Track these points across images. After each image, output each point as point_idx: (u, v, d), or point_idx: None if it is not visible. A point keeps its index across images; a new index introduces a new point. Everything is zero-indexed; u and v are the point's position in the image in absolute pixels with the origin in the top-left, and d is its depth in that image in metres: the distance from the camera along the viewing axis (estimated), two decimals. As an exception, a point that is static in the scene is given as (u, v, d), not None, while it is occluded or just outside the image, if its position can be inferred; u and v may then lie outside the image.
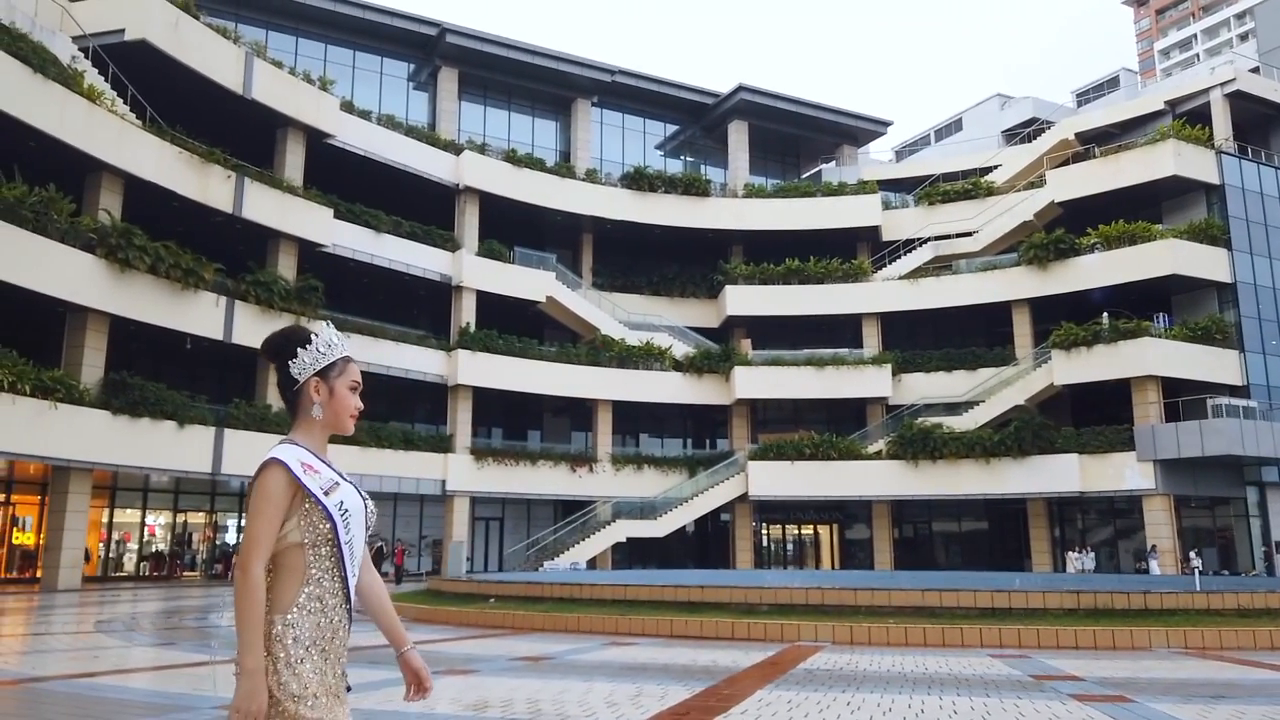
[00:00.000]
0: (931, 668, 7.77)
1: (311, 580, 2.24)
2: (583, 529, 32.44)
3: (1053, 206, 34.38)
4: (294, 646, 2.18)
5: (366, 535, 2.40)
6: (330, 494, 2.27)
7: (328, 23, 35.41)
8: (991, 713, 5.77)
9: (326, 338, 2.42)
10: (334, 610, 2.27)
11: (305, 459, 2.28)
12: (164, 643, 9.92)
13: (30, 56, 20.37)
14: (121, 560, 28.53)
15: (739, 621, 10.06)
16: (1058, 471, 30.40)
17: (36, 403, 20.02)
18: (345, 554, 2.29)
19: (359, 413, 2.45)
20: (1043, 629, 9.21)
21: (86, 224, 21.90)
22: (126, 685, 6.89)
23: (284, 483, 2.22)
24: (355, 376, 2.44)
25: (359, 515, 2.35)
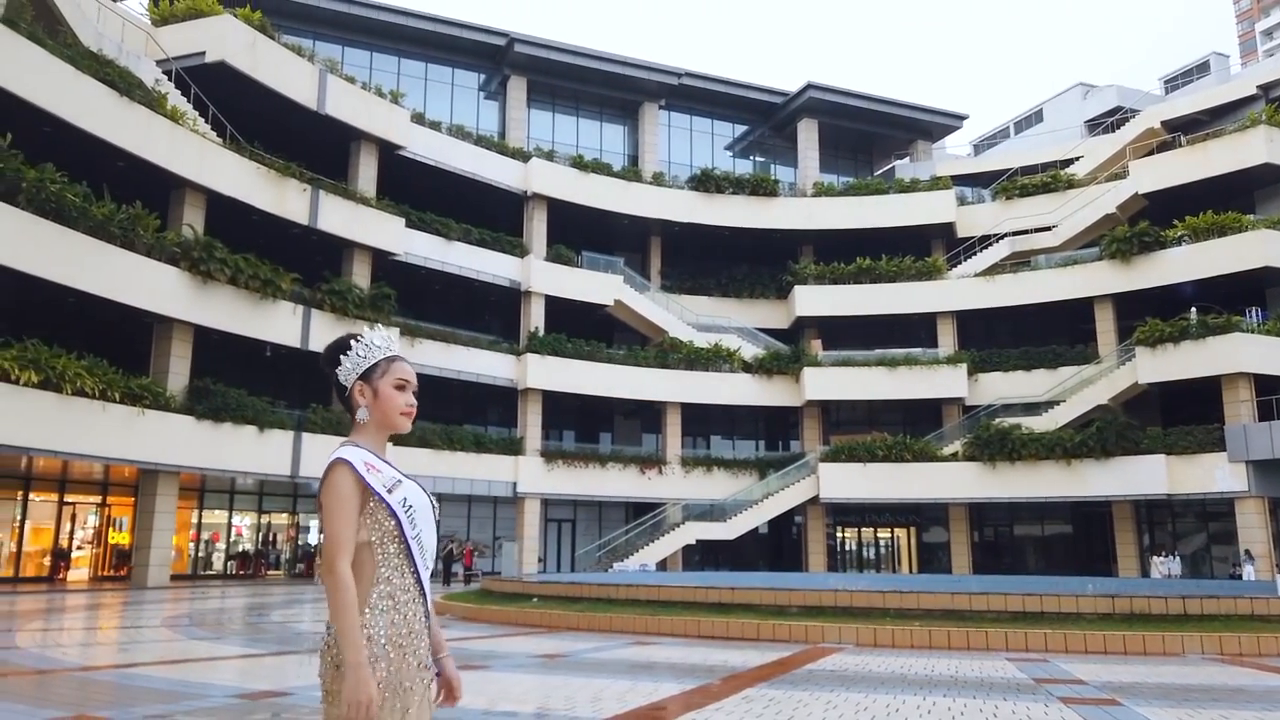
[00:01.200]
0: (938, 670, 7.67)
1: (381, 579, 2.29)
2: (653, 531, 32.60)
3: (1137, 198, 33.09)
4: (368, 646, 2.21)
5: (435, 538, 2.43)
6: (393, 491, 2.31)
7: (401, 37, 36.45)
8: (966, 713, 5.70)
9: (367, 341, 2.48)
10: (407, 606, 2.31)
11: (367, 459, 2.33)
12: (215, 638, 10.44)
13: (117, 81, 21.54)
14: (210, 559, 29.83)
15: (765, 623, 10.05)
16: (1143, 473, 29.23)
17: (126, 409, 21.14)
18: (414, 549, 2.34)
19: (413, 409, 2.47)
20: (1071, 633, 8.95)
21: (171, 239, 23.03)
22: (155, 675, 7.32)
23: (351, 481, 2.27)
24: (401, 374, 2.45)
25: (425, 511, 2.39)
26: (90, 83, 20.67)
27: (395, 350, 2.50)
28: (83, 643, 9.53)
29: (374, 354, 2.46)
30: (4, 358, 18.07)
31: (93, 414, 20.18)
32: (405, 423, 2.45)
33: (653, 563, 31.24)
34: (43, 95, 19.46)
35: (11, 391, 18.26)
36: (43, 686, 6.57)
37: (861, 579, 21.10)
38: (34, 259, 19.01)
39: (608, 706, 5.77)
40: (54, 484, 25.37)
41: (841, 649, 9.11)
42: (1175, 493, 29.00)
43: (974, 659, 8.35)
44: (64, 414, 19.48)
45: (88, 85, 20.59)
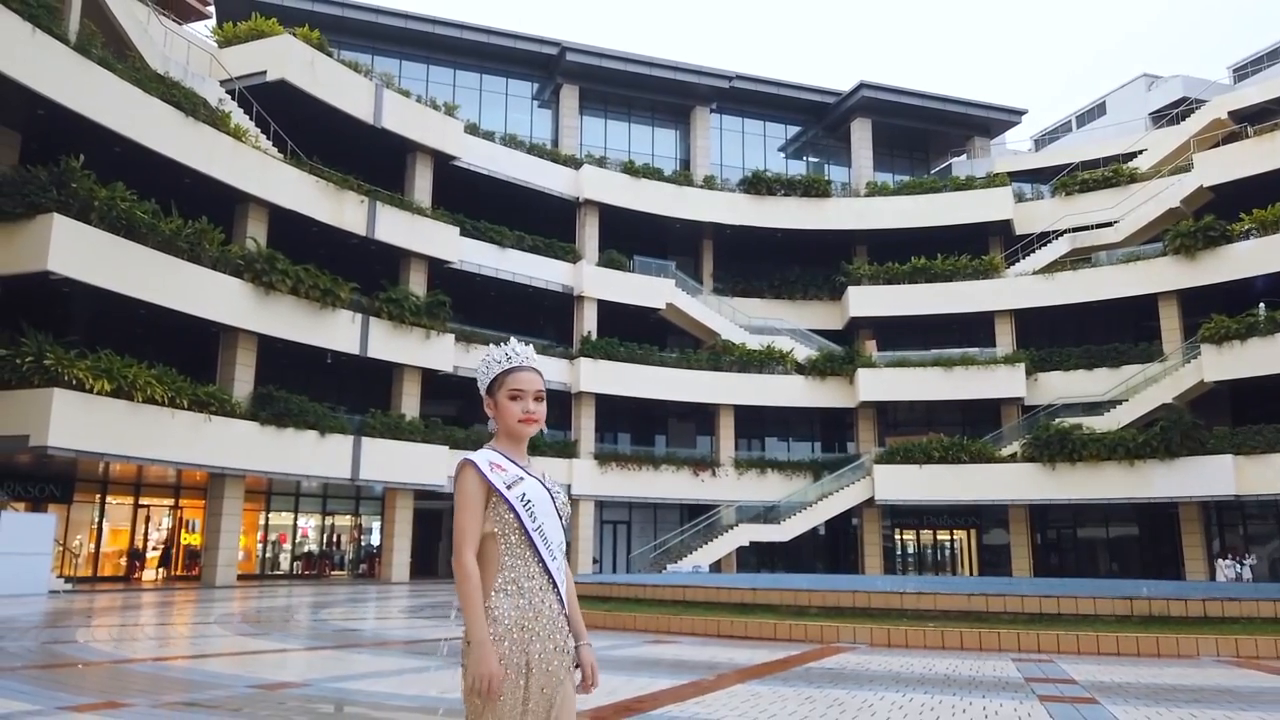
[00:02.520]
0: (935, 669, 7.75)
1: (505, 566, 2.49)
2: (706, 533, 32.78)
3: (1202, 191, 32.16)
4: (493, 627, 2.42)
5: (564, 523, 2.65)
6: (513, 488, 2.52)
7: (456, 49, 37.31)
8: (937, 709, 5.84)
9: (487, 357, 2.70)
10: (534, 593, 2.49)
11: (494, 459, 2.56)
12: (259, 633, 11.01)
13: (182, 102, 22.57)
14: (278, 559, 30.93)
15: (783, 623, 10.20)
16: (1210, 474, 28.40)
17: (193, 415, 22.13)
18: (537, 540, 2.53)
19: (532, 415, 2.63)
20: (1084, 635, 8.89)
21: (235, 251, 24.02)
22: (187, 667, 7.85)
23: (475, 479, 2.50)
24: (515, 385, 2.62)
25: (544, 504, 2.57)
26: (157, 104, 21.71)
27: (517, 361, 2.66)
28: (133, 638, 10.16)
29: (493, 369, 2.67)
30: (79, 368, 19.09)
31: (162, 420, 21.17)
32: (525, 429, 2.64)
33: (706, 565, 31.43)
34: (112, 117, 20.51)
35: (86, 400, 19.29)
36: (83, 677, 7.12)
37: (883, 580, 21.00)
38: (106, 274, 20.04)
39: (593, 700, 6.05)
40: (129, 488, 26.64)
41: (854, 648, 9.24)
42: (1244, 494, 28.12)
43: (978, 659, 8.40)
44: (135, 421, 20.50)
45: (155, 106, 21.63)
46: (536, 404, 2.66)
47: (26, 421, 18.63)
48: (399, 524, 28.50)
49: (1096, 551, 35.15)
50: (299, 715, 5.53)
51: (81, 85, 19.80)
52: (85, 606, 14.82)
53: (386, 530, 28.96)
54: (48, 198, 19.00)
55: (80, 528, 25.56)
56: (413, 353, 28.58)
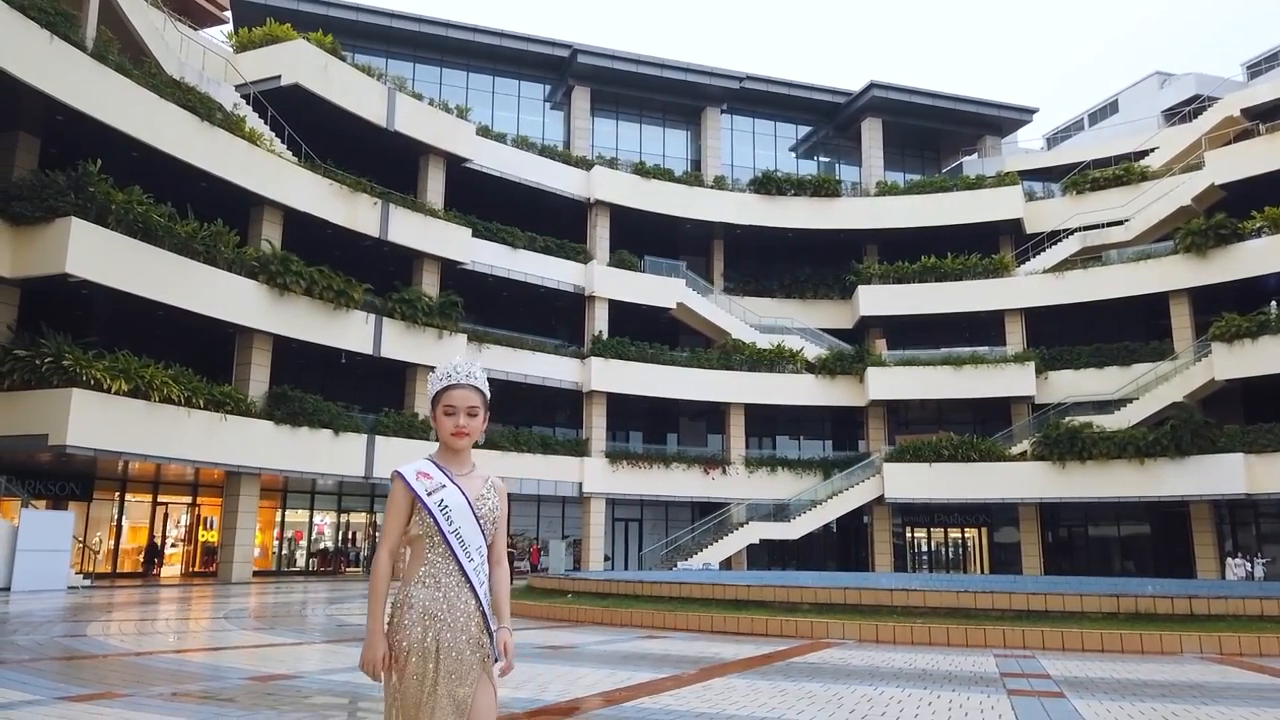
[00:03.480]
0: (915, 664, 7.94)
1: (427, 562, 2.78)
2: (717, 530, 32.99)
3: (1213, 190, 32.07)
4: (409, 612, 2.72)
5: (484, 527, 2.86)
6: (433, 495, 2.79)
7: (468, 52, 37.65)
8: (905, 701, 6.04)
9: (432, 375, 2.99)
10: (449, 588, 2.75)
11: (423, 469, 2.86)
12: (265, 628, 11.33)
13: (198, 106, 22.98)
14: (294, 556, 31.39)
15: (774, 619, 10.41)
16: (1221, 472, 28.36)
17: (210, 415, 22.53)
18: (453, 542, 2.78)
19: (462, 429, 2.88)
20: (1069, 632, 9.05)
21: (250, 254, 24.42)
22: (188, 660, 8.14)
23: (401, 487, 2.81)
24: (448, 401, 2.88)
25: (462, 511, 2.81)
26: (173, 109, 22.12)
27: (455, 379, 2.91)
28: (143, 632, 10.49)
29: (433, 385, 2.95)
30: (97, 368, 19.52)
31: (179, 420, 21.58)
32: (456, 442, 2.89)
33: (716, 562, 31.65)
34: (129, 122, 20.94)
35: (104, 400, 19.72)
36: (87, 669, 7.41)
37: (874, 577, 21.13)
38: (124, 276, 20.47)
39: (571, 690, 6.30)
40: (148, 485, 27.13)
41: (841, 644, 9.43)
42: (1256, 492, 28.07)
43: (961, 655, 8.57)
44: (152, 420, 20.92)
45: (171, 111, 22.05)
46: (468, 419, 2.90)
47: (46, 421, 19.07)
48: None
49: (1108, 550, 35.10)
50: (286, 705, 5.80)
51: (98, 91, 20.23)
52: (102, 602, 15.22)
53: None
54: (66, 201, 19.45)
55: (100, 525, 26.07)
56: (425, 353, 28.92)
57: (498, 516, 2.95)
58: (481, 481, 2.95)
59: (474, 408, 2.91)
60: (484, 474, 2.98)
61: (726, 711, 5.59)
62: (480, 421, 2.95)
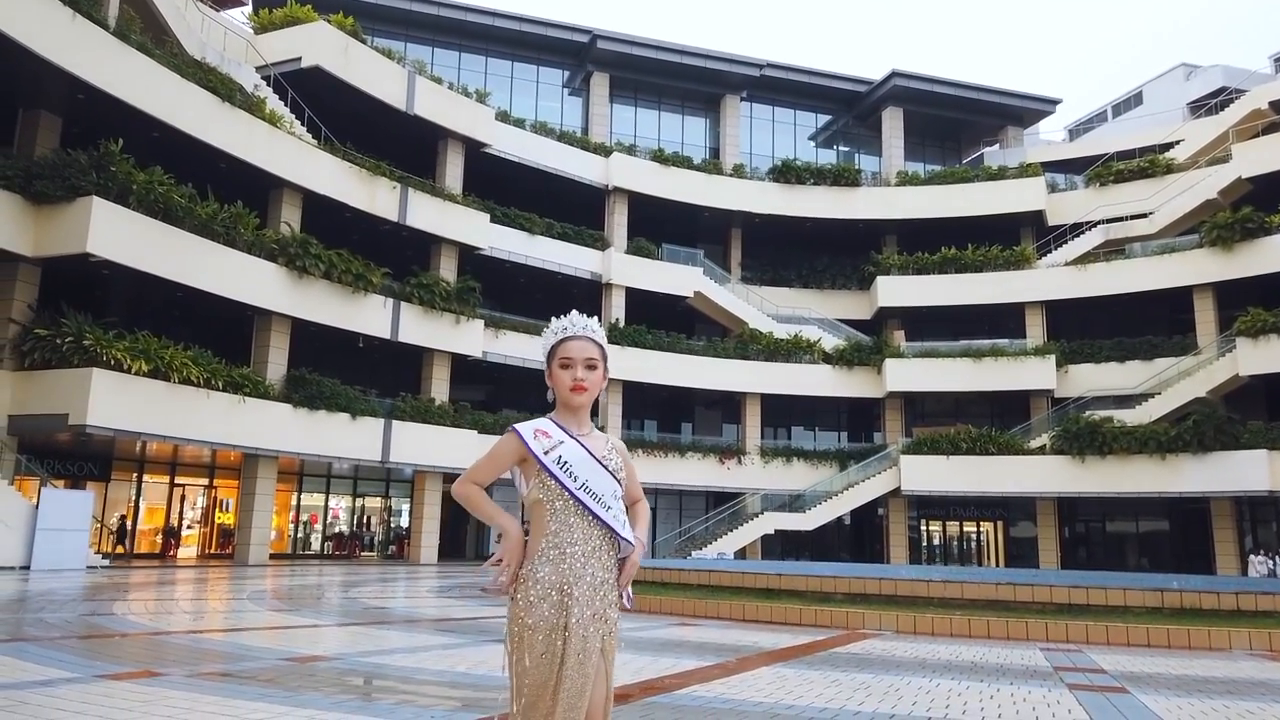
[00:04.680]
0: (962, 656, 7.76)
1: (550, 531, 2.56)
2: (732, 520, 32.85)
3: (1240, 183, 31.66)
4: (535, 588, 2.51)
5: (615, 481, 2.66)
6: (550, 453, 2.59)
7: (487, 36, 37.43)
8: (965, 694, 5.88)
9: (546, 332, 2.77)
10: (575, 557, 2.55)
11: (541, 426, 2.66)
12: (290, 609, 11.24)
13: (219, 87, 22.87)
14: (309, 540, 31.39)
15: (808, 608, 10.26)
16: (1243, 469, 28.07)
17: (228, 397, 22.47)
18: (584, 498, 2.58)
19: (581, 383, 2.67)
20: (1114, 626, 8.87)
21: (270, 236, 24.33)
22: (222, 639, 8.05)
23: (512, 444, 2.62)
24: (565, 354, 2.69)
25: (584, 462, 2.60)
26: (194, 89, 22.00)
27: (570, 331, 2.72)
28: (169, 611, 10.42)
29: (548, 340, 2.75)
30: (117, 348, 19.47)
31: (197, 401, 21.53)
32: (574, 398, 2.68)
33: (731, 551, 31.51)
34: (150, 102, 20.83)
35: (124, 380, 19.66)
36: (122, 647, 7.31)
37: (909, 568, 20.97)
38: (144, 256, 20.40)
39: (619, 676, 6.16)
40: (165, 467, 27.13)
41: (879, 635, 9.27)
42: (1279, 489, 27.77)
43: (1006, 648, 8.40)
44: (171, 401, 20.87)
45: (192, 92, 21.93)
46: (587, 371, 2.70)
47: (66, 401, 19.04)
48: (428, 506, 28.80)
49: (1126, 546, 34.85)
50: (330, 686, 5.68)
51: (120, 70, 20.12)
52: (121, 582, 15.17)
53: (416, 512, 29.28)
54: (87, 181, 19.37)
55: (118, 505, 26.08)
56: (443, 338, 28.82)
57: (625, 473, 2.76)
58: (603, 442, 2.75)
59: (592, 360, 2.73)
60: (605, 435, 2.79)
61: (784, 701, 5.43)
62: (600, 376, 2.75)
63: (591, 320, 2.80)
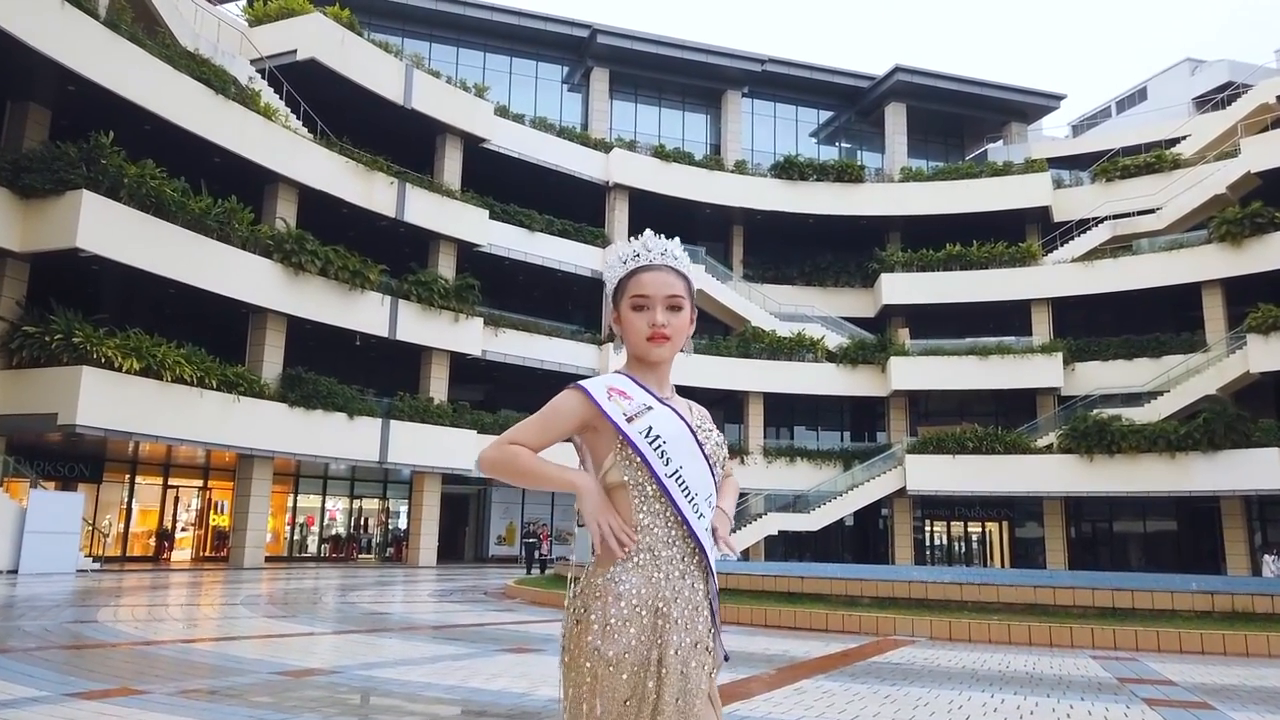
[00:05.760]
0: (1014, 666, 7.27)
1: (641, 528, 1.90)
2: (735, 521, 32.12)
3: (1249, 178, 31.22)
4: (615, 605, 1.84)
5: (714, 469, 1.99)
6: (635, 420, 1.91)
7: (486, 32, 36.92)
8: (1036, 713, 5.37)
9: (611, 260, 2.11)
10: (671, 562, 1.90)
11: (617, 384, 1.97)
12: (285, 616, 10.71)
13: (213, 79, 22.32)
14: (305, 542, 30.84)
15: (834, 613, 9.76)
16: (1255, 467, 27.63)
17: (222, 396, 21.93)
18: (673, 491, 1.90)
19: (661, 330, 1.98)
20: (1165, 632, 8.39)
21: (264, 231, 23.78)
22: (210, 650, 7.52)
23: (574, 402, 1.95)
24: (638, 290, 1.99)
25: (682, 440, 1.93)
26: (187, 81, 21.46)
27: (646, 259, 2.02)
28: (157, 619, 9.88)
29: (614, 271, 2.07)
30: (108, 346, 18.92)
31: (191, 400, 20.99)
32: (654, 350, 1.98)
33: (733, 553, 30.95)
34: (142, 94, 20.29)
35: (115, 379, 19.13)
36: (102, 659, 6.78)
37: (940, 571, 20.52)
38: (135, 252, 19.86)
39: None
40: (159, 468, 26.59)
41: (913, 642, 8.77)
42: (1291, 488, 27.35)
43: (1055, 656, 7.91)
44: (163, 400, 20.33)
45: (185, 84, 21.38)
46: (669, 314, 1.99)
47: (55, 400, 18.51)
48: (427, 508, 28.27)
49: (1134, 546, 34.43)
50: (328, 707, 5.16)
51: (111, 61, 19.58)
52: (111, 586, 14.62)
53: (414, 514, 28.74)
54: (77, 174, 18.84)
55: (110, 507, 25.53)
56: (441, 336, 28.29)
57: (724, 454, 2.09)
58: (687, 408, 2.07)
59: (676, 298, 2.01)
60: (684, 400, 2.10)
61: (839, 722, 4.93)
62: (686, 320, 2.04)
63: (673, 243, 2.09)
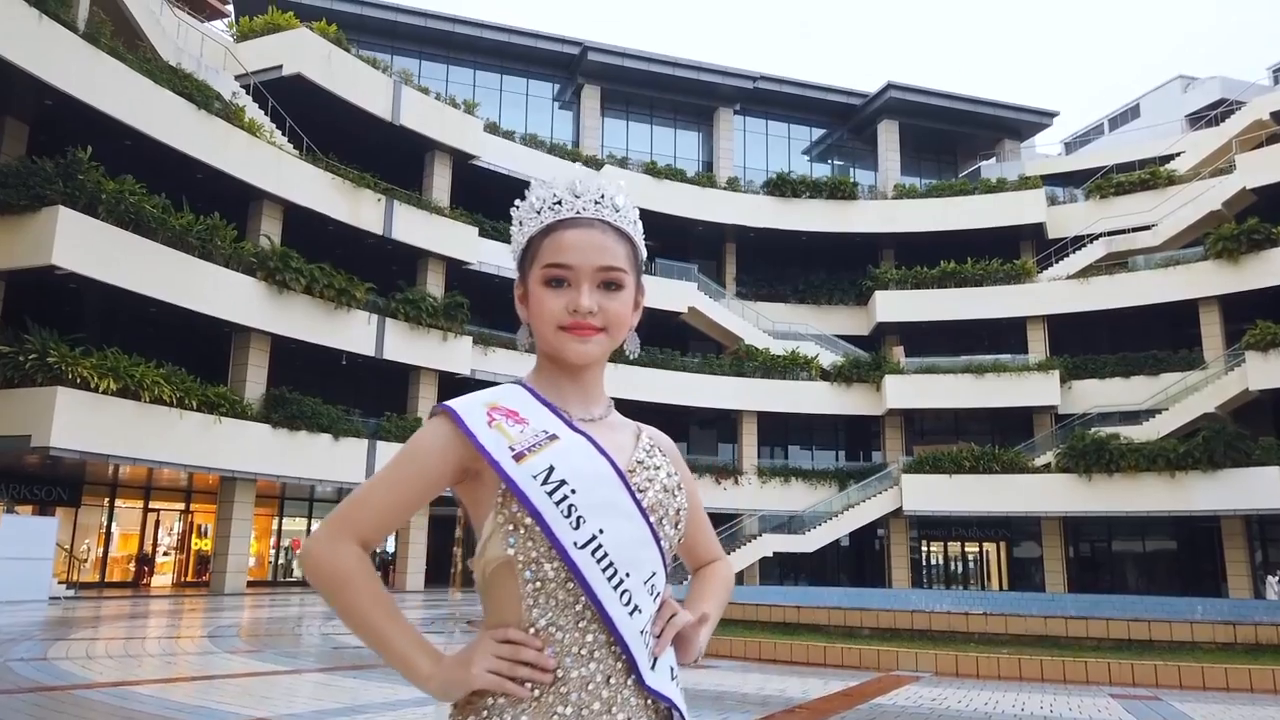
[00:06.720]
0: (1030, 708, 6.77)
1: (533, 627, 1.23)
2: (729, 542, 31.78)
3: (1244, 194, 31.02)
4: None
5: (656, 527, 1.30)
6: (526, 457, 1.24)
7: (475, 49, 36.66)
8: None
9: (522, 206, 1.43)
10: (587, 689, 1.21)
11: (506, 401, 1.32)
12: (251, 650, 10.15)
13: (195, 94, 21.92)
14: (290, 566, 30.15)
15: (833, 646, 9.25)
16: (1255, 486, 27.21)
17: (203, 417, 21.38)
18: (585, 571, 1.21)
19: (581, 320, 1.31)
20: (1186, 666, 7.92)
21: (248, 249, 23.31)
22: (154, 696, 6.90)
23: (439, 436, 1.27)
24: (557, 255, 1.32)
25: (600, 488, 1.25)
26: (169, 96, 21.05)
27: (571, 210, 1.35)
28: (112, 654, 9.30)
29: (525, 228, 1.40)
30: (84, 366, 18.40)
31: (170, 421, 20.45)
32: (572, 346, 1.32)
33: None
34: (122, 109, 19.87)
35: (91, 400, 18.59)
36: (26, 709, 6.21)
37: (943, 597, 20.03)
38: (114, 269, 19.38)
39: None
40: (139, 491, 25.96)
41: (918, 678, 8.27)
42: (1293, 508, 26.94)
43: (1072, 695, 7.41)
44: (142, 422, 19.78)
45: (166, 98, 20.98)
46: (604, 294, 1.33)
47: (29, 421, 17.96)
48: (414, 531, 27.69)
49: (1133, 566, 33.98)
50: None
51: (90, 75, 19.17)
52: (80, 616, 14.02)
53: (401, 538, 28.14)
54: (53, 190, 18.38)
55: (88, 532, 24.89)
56: (429, 355, 27.80)
57: (680, 505, 1.38)
58: (631, 436, 1.44)
59: (614, 272, 1.34)
60: (631, 424, 1.49)
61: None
62: (629, 306, 1.38)
63: (614, 187, 1.40)
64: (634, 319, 1.42)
